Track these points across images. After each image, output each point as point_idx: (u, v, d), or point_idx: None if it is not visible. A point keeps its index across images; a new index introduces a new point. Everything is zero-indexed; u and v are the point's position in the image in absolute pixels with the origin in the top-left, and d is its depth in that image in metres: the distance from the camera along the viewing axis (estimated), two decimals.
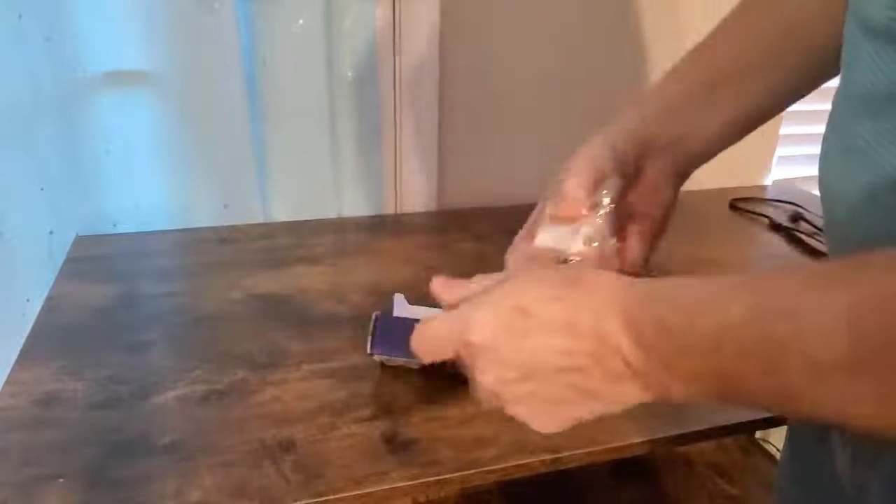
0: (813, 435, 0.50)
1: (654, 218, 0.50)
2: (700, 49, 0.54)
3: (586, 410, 0.38)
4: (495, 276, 0.42)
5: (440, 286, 0.45)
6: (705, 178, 1.26)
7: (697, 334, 0.32)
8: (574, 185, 0.46)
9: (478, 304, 0.39)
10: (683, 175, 0.52)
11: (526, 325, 0.37)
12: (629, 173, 0.49)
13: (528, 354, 0.37)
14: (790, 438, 0.56)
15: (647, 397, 0.36)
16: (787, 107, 0.53)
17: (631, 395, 0.36)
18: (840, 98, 0.42)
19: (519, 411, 0.39)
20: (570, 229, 0.45)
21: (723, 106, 0.51)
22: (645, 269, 0.47)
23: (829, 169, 0.42)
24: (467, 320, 0.39)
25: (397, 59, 1.01)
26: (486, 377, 0.39)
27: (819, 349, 0.28)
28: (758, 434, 1.23)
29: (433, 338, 0.42)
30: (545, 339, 0.36)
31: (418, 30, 1.00)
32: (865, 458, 0.42)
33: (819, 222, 1.10)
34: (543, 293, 0.37)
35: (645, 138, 0.50)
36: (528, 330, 0.37)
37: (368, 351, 0.66)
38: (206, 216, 1.01)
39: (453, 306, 0.42)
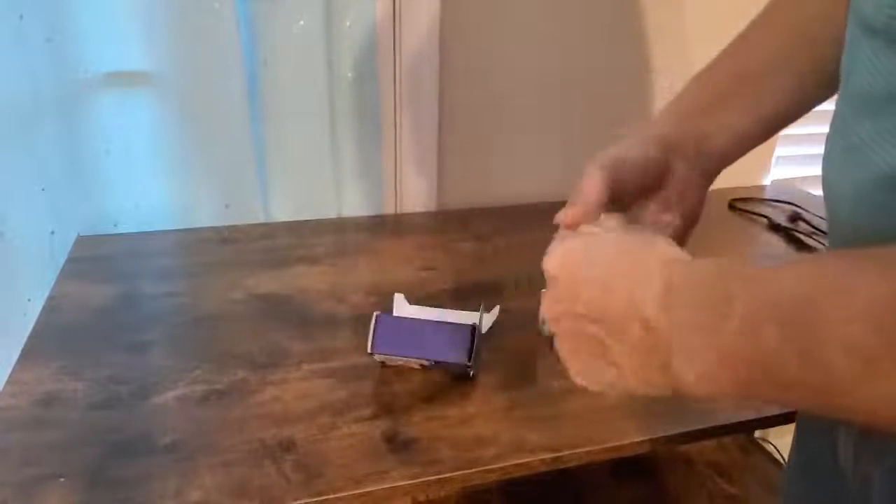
0: (818, 427, 0.50)
1: (683, 220, 0.50)
2: (731, 47, 0.54)
3: (610, 377, 0.39)
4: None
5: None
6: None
7: (736, 313, 0.31)
8: (588, 191, 0.46)
9: (566, 241, 0.43)
10: (712, 175, 0.52)
11: (595, 272, 0.39)
12: (655, 177, 0.49)
13: (577, 295, 0.39)
14: (797, 430, 0.56)
15: (660, 384, 0.36)
16: (816, 104, 0.53)
17: (648, 375, 0.36)
18: (841, 98, 0.42)
19: (563, 347, 0.41)
20: None
21: (750, 103, 0.51)
22: None
23: (830, 168, 0.42)
24: (551, 251, 0.43)
25: (397, 59, 1.01)
26: (547, 303, 0.42)
27: (860, 335, 0.27)
28: (757, 433, 1.23)
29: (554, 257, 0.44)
30: (589, 291, 0.39)
31: (418, 30, 1.00)
32: (869, 451, 0.42)
33: (818, 222, 1.10)
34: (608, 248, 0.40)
35: (674, 141, 0.50)
36: (585, 279, 0.39)
37: (368, 351, 0.66)
38: (206, 216, 1.01)
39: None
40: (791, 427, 0.68)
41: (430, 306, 0.79)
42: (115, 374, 0.66)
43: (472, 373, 0.66)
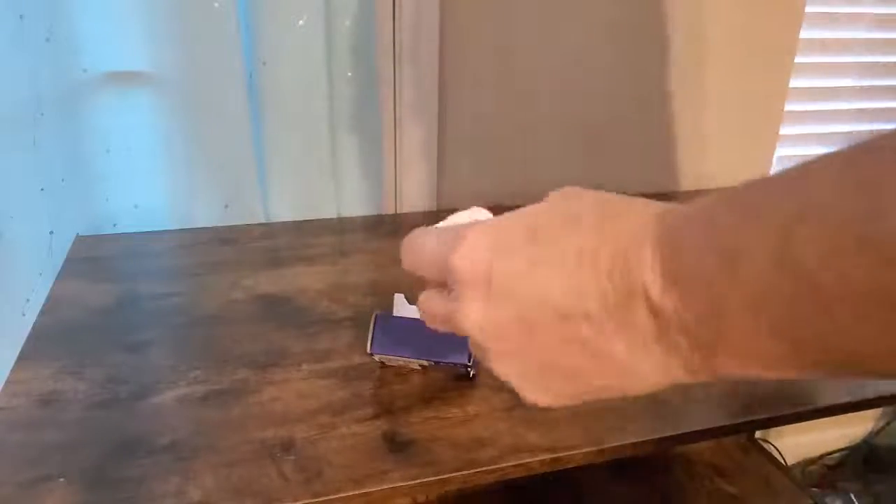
0: None
1: None
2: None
3: (591, 386, 0.31)
4: None
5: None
6: (705, 178, 1.27)
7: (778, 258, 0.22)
8: None
9: (483, 221, 0.33)
10: None
11: (529, 252, 0.30)
12: None
13: (527, 287, 0.30)
14: None
15: (672, 375, 0.28)
16: None
17: (651, 370, 0.28)
18: None
19: (504, 371, 0.32)
20: None
21: None
22: None
23: None
24: (457, 236, 0.32)
25: (397, 58, 1.01)
26: (469, 315, 0.31)
27: None
28: (758, 434, 1.23)
29: (417, 249, 0.36)
30: (552, 272, 0.29)
31: (418, 30, 1.00)
32: None
33: None
34: (563, 215, 0.30)
35: None
36: (534, 259, 0.30)
37: (368, 351, 0.66)
38: (206, 216, 1.01)
39: None
40: (791, 427, 0.67)
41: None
42: (115, 374, 0.66)
43: (472, 373, 0.66)
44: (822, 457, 1.59)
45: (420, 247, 0.36)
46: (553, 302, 0.29)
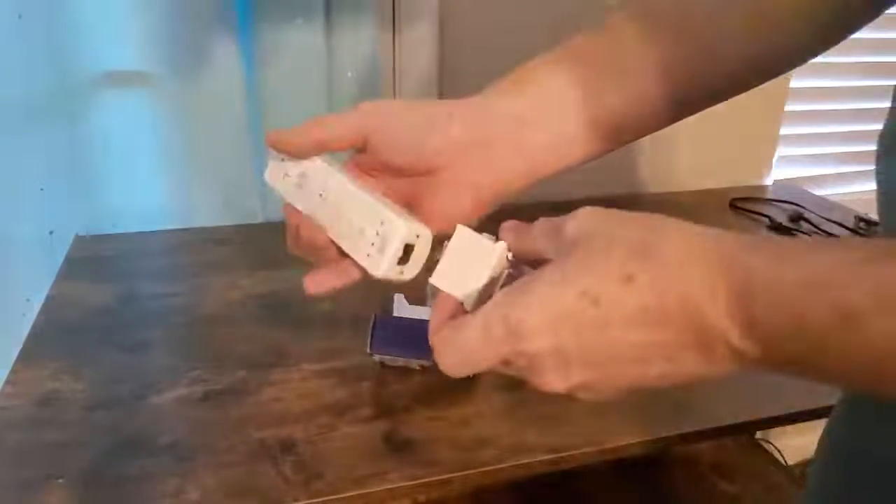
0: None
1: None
2: None
3: (669, 385, 0.33)
4: (558, 223, 0.34)
5: (510, 232, 0.37)
6: (705, 178, 1.27)
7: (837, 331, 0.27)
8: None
9: (523, 297, 0.32)
10: None
11: (596, 318, 0.30)
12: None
13: (604, 351, 0.31)
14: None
15: (734, 370, 0.31)
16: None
17: (724, 371, 0.31)
18: None
19: (587, 398, 0.34)
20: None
21: None
22: None
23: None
24: (516, 324, 0.31)
25: (397, 58, 1.00)
26: (553, 383, 0.33)
27: None
28: (758, 434, 1.23)
29: (465, 351, 0.34)
30: (623, 332, 0.30)
31: (418, 29, 1.00)
32: None
33: (819, 222, 1.10)
34: (611, 272, 0.30)
35: None
36: (600, 322, 0.30)
37: (368, 351, 0.66)
38: (205, 216, 1.01)
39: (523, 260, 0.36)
40: (791, 427, 0.67)
41: (431, 306, 0.78)
42: (115, 374, 0.66)
43: (472, 373, 0.66)
44: None
45: (464, 348, 0.34)
46: (632, 355, 0.31)
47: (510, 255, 0.37)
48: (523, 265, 0.37)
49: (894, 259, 0.27)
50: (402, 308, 0.78)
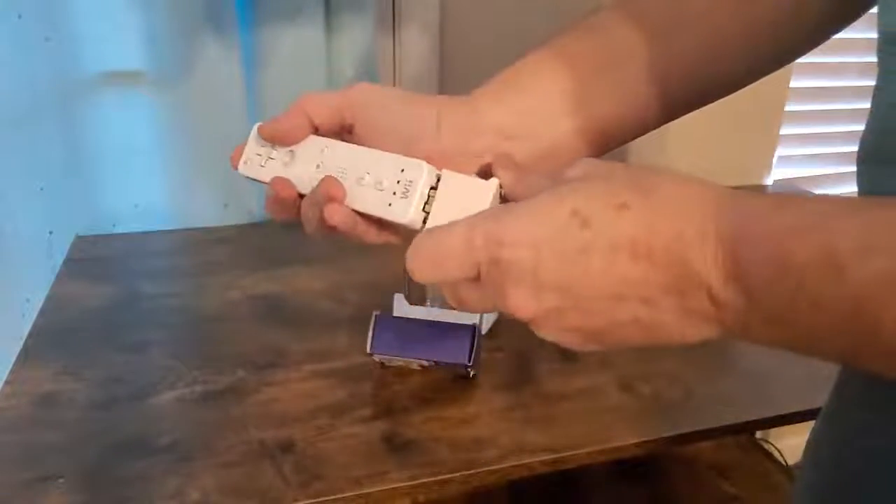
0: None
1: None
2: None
3: (641, 340, 0.32)
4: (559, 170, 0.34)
5: (507, 170, 0.37)
6: (704, 178, 1.27)
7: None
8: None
9: (514, 209, 0.31)
10: None
11: (582, 240, 0.29)
12: None
13: (581, 278, 0.30)
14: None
15: (717, 334, 0.30)
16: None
17: (703, 333, 0.30)
18: None
19: (556, 338, 0.33)
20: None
21: None
22: None
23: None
24: (498, 232, 0.31)
25: (397, 58, 1.00)
26: (523, 303, 0.31)
27: None
28: (758, 434, 1.23)
29: (440, 254, 0.32)
30: (606, 261, 0.29)
31: (418, 29, 1.00)
32: None
33: None
34: (607, 197, 0.30)
35: None
36: (585, 246, 0.29)
37: (368, 351, 0.66)
38: (205, 216, 1.01)
39: None
40: (791, 427, 0.68)
41: (430, 307, 0.78)
42: (115, 374, 0.66)
43: (472, 373, 0.66)
44: None
45: (439, 249, 0.33)
46: (609, 290, 0.30)
47: (503, 192, 0.37)
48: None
49: (883, 207, 0.26)
50: (402, 308, 0.78)
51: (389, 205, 0.38)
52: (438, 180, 0.38)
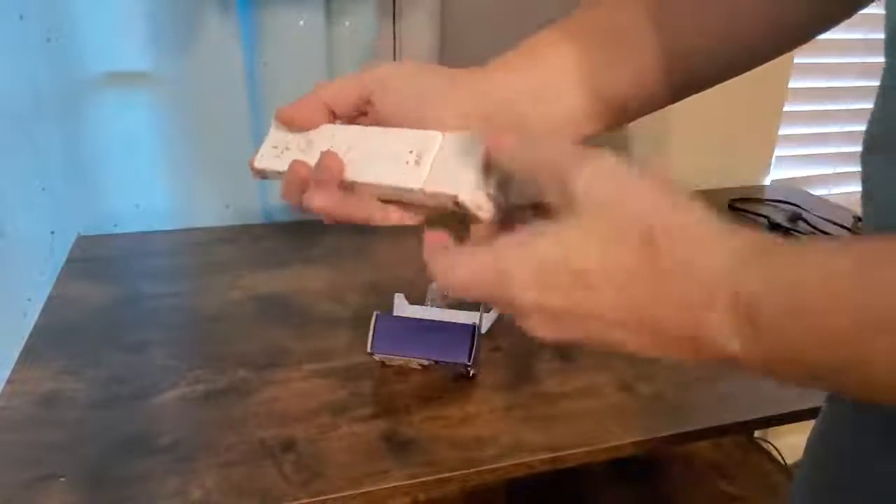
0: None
1: None
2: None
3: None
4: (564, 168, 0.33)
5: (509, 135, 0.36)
6: (704, 179, 1.27)
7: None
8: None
9: (521, 250, 0.32)
10: None
11: (584, 295, 0.31)
12: None
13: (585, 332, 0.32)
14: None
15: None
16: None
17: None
18: None
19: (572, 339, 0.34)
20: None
21: None
22: None
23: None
24: (505, 276, 0.32)
25: (398, 45, 1.00)
26: (541, 335, 0.33)
27: None
28: (757, 433, 1.23)
29: (469, 279, 0.33)
30: (604, 297, 0.30)
31: (418, 29, 1.00)
32: None
33: (818, 222, 1.10)
34: (612, 256, 0.30)
35: None
36: (589, 295, 0.31)
37: (369, 350, 0.66)
38: (206, 216, 1.01)
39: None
40: (790, 427, 0.68)
41: (430, 307, 0.79)
42: (115, 374, 0.66)
43: (471, 373, 0.66)
44: None
45: (457, 278, 0.34)
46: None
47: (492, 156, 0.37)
48: None
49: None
50: (402, 308, 0.78)
51: (403, 174, 0.39)
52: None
